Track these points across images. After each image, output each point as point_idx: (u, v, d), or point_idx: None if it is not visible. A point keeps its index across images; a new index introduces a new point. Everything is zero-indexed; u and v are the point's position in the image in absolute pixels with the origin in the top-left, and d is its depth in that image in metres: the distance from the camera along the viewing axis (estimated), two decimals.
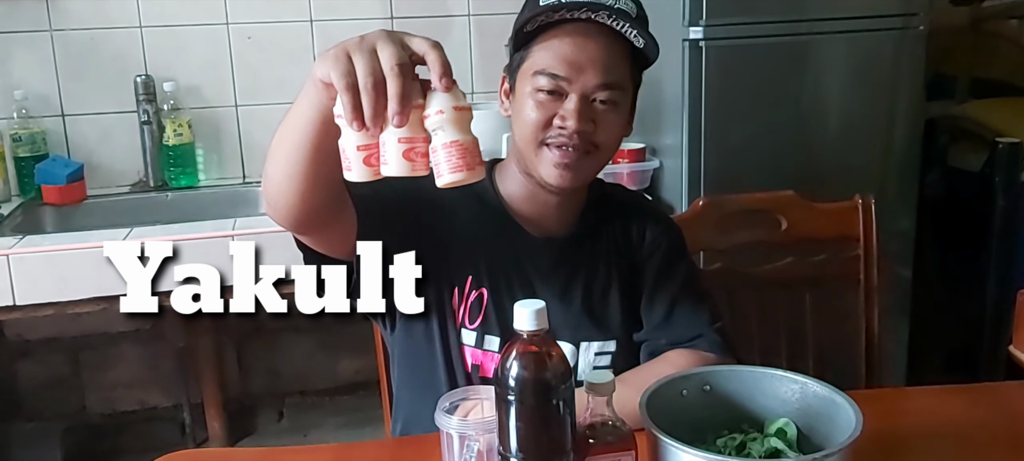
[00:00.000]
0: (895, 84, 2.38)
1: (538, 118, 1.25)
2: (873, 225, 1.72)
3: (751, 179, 2.15)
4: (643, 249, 1.40)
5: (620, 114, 1.28)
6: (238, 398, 2.89)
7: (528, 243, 1.36)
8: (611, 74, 1.24)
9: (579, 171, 1.28)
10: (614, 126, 1.28)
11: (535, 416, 0.95)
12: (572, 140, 1.24)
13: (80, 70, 2.54)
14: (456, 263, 1.33)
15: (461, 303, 1.33)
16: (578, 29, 1.23)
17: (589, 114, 1.24)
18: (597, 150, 1.28)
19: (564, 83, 1.23)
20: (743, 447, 1.07)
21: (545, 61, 1.24)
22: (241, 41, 2.62)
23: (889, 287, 2.07)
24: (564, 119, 1.24)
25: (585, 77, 1.23)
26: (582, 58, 1.23)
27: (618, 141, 1.31)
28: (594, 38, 1.23)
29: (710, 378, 1.12)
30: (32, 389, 2.76)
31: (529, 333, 0.94)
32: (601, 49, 1.23)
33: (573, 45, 1.23)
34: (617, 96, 1.26)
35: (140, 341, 2.80)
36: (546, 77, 1.24)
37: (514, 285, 1.33)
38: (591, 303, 1.36)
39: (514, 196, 1.36)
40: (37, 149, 2.48)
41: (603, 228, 1.40)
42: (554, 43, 1.24)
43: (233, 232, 2.11)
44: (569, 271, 1.37)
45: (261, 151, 2.81)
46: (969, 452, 1.24)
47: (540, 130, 1.26)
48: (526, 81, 1.26)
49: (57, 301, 2.05)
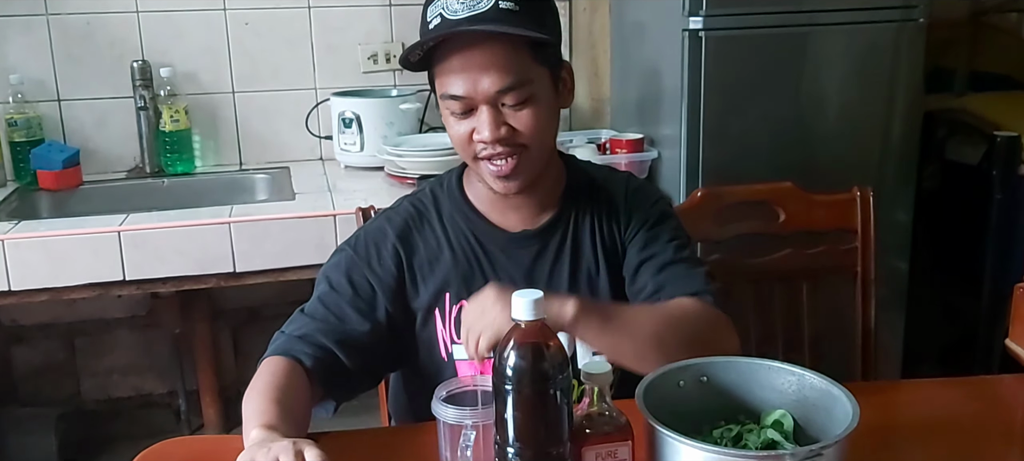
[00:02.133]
0: (894, 76, 2.38)
1: (460, 135, 1.27)
2: (871, 217, 1.72)
3: (749, 170, 2.16)
4: (629, 228, 1.38)
5: (538, 105, 1.26)
6: (234, 385, 2.89)
7: (504, 240, 1.36)
8: (509, 75, 1.22)
9: (519, 173, 1.28)
10: (535, 119, 1.26)
11: (532, 406, 0.94)
12: (495, 149, 1.25)
13: (76, 55, 2.53)
14: (432, 289, 1.34)
15: (445, 322, 1.34)
16: (460, 43, 1.21)
17: (502, 119, 1.24)
18: (527, 148, 1.27)
19: (467, 100, 1.23)
20: (739, 438, 1.07)
21: (445, 85, 1.25)
22: (239, 27, 2.61)
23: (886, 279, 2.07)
24: (479, 132, 1.24)
25: (483, 87, 1.22)
26: (474, 70, 1.22)
27: (547, 129, 1.30)
28: (480, 47, 1.21)
29: (707, 369, 1.12)
30: (27, 375, 2.76)
31: (526, 323, 0.94)
32: (490, 55, 1.21)
33: (462, 60, 1.22)
34: (526, 92, 1.24)
35: (135, 327, 2.80)
36: (451, 99, 1.24)
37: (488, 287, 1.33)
38: (578, 289, 1.35)
39: (483, 196, 1.37)
40: (33, 134, 2.47)
41: (586, 211, 1.38)
42: (446, 64, 1.24)
43: (230, 219, 2.10)
44: (553, 259, 1.36)
45: (258, 138, 2.84)
46: (965, 444, 1.24)
47: (467, 145, 1.27)
48: (441, 102, 1.28)
49: (52, 287, 2.04)
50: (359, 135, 2.52)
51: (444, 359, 1.35)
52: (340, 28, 2.67)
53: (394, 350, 1.35)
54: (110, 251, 2.04)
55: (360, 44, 2.69)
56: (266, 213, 2.18)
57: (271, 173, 2.60)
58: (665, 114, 2.38)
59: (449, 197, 1.38)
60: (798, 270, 1.74)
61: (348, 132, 2.53)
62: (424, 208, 1.38)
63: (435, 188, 1.40)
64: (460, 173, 1.40)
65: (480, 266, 1.35)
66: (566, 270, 1.36)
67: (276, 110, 2.68)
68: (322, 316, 1.29)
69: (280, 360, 1.23)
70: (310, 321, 1.29)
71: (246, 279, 2.14)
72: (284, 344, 1.25)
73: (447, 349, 1.35)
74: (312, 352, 1.24)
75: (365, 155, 2.53)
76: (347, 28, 2.67)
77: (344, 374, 1.26)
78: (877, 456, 1.15)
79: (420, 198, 1.40)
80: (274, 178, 2.56)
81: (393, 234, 1.35)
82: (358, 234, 1.38)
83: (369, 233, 1.37)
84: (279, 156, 2.70)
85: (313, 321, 1.28)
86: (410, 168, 2.34)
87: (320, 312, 1.30)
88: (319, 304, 1.31)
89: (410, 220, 1.37)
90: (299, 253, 2.12)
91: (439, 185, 1.41)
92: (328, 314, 1.29)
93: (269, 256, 2.12)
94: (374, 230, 1.37)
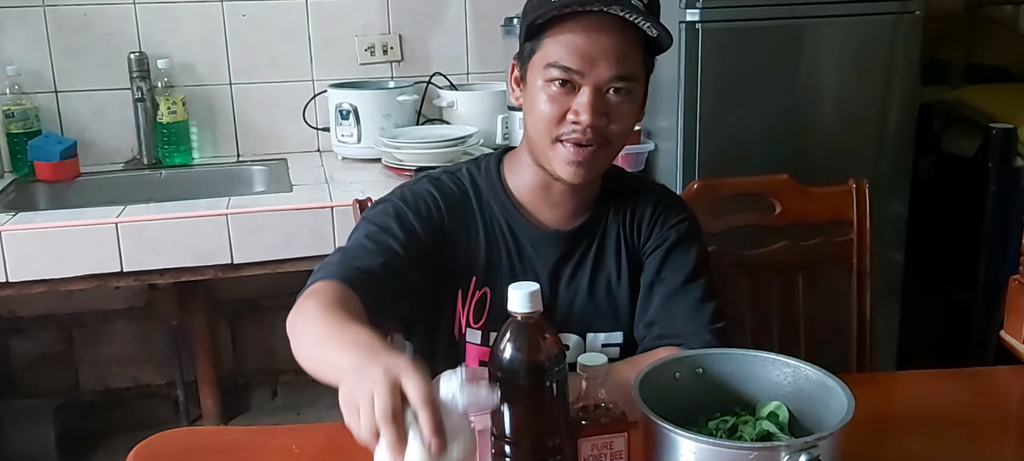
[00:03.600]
0: (890, 69, 2.39)
1: (551, 112, 1.24)
2: (867, 209, 1.73)
3: (746, 162, 2.16)
4: (648, 242, 1.38)
5: (633, 104, 1.27)
6: (232, 376, 2.90)
7: (536, 236, 1.35)
8: (624, 66, 1.23)
9: (592, 166, 1.27)
10: (627, 117, 1.26)
11: (528, 398, 0.95)
12: (586, 135, 1.23)
13: (73, 46, 2.52)
14: (461, 269, 1.33)
15: (465, 305, 1.34)
16: (590, 20, 1.21)
17: (602, 107, 1.23)
18: (610, 143, 1.27)
19: (577, 76, 1.22)
20: (735, 430, 1.08)
21: (557, 53, 1.22)
22: (235, 18, 2.60)
23: (881, 271, 2.08)
24: (577, 114, 1.23)
25: (598, 70, 1.22)
26: (595, 50, 1.21)
27: (630, 132, 1.31)
28: (606, 29, 1.21)
29: (703, 361, 1.13)
30: (25, 366, 2.76)
31: (523, 315, 0.94)
32: (614, 40, 1.21)
33: (586, 37, 1.21)
34: (631, 86, 1.25)
35: (134, 318, 2.80)
36: (559, 70, 1.22)
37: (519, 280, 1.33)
38: (597, 294, 1.36)
39: (525, 187, 1.36)
40: (30, 125, 2.47)
41: (614, 218, 1.38)
42: (566, 35, 1.22)
43: (227, 211, 2.10)
44: (577, 262, 1.36)
45: (255, 129, 2.84)
46: (960, 436, 1.25)
47: (554, 125, 1.25)
48: (537, 73, 1.25)
49: (50, 278, 2.05)
50: (356, 127, 2.52)
51: (456, 337, 1.35)
52: (337, 19, 2.67)
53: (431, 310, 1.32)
54: (108, 242, 2.04)
55: (357, 35, 2.69)
56: (264, 205, 2.18)
57: (268, 165, 2.60)
58: (662, 106, 2.38)
59: (487, 182, 1.37)
60: (794, 262, 1.75)
61: (345, 124, 2.53)
62: (463, 187, 1.37)
63: (472, 170, 1.39)
64: (499, 159, 1.39)
65: (509, 256, 1.34)
66: (587, 275, 1.36)
67: (273, 102, 2.68)
68: (372, 249, 1.24)
69: (338, 284, 1.16)
70: (361, 252, 1.24)
71: (244, 271, 2.15)
72: (340, 269, 1.19)
73: (461, 329, 1.34)
74: (366, 279, 1.18)
75: (362, 147, 2.54)
76: (344, 19, 2.67)
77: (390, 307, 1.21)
78: (872, 447, 1.15)
79: (458, 177, 1.38)
80: (271, 170, 2.56)
81: (440, 198, 1.33)
82: (400, 190, 1.35)
83: (415, 190, 1.34)
84: (276, 148, 2.70)
85: (364, 252, 1.24)
86: (407, 160, 2.34)
87: (369, 246, 1.25)
88: (366, 240, 1.27)
89: (453, 193, 1.35)
90: (297, 245, 2.13)
91: (476, 168, 1.39)
92: (378, 248, 1.25)
93: (267, 248, 2.13)
94: (421, 190, 1.34)
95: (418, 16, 2.72)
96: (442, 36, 2.75)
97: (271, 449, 1.22)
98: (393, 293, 1.23)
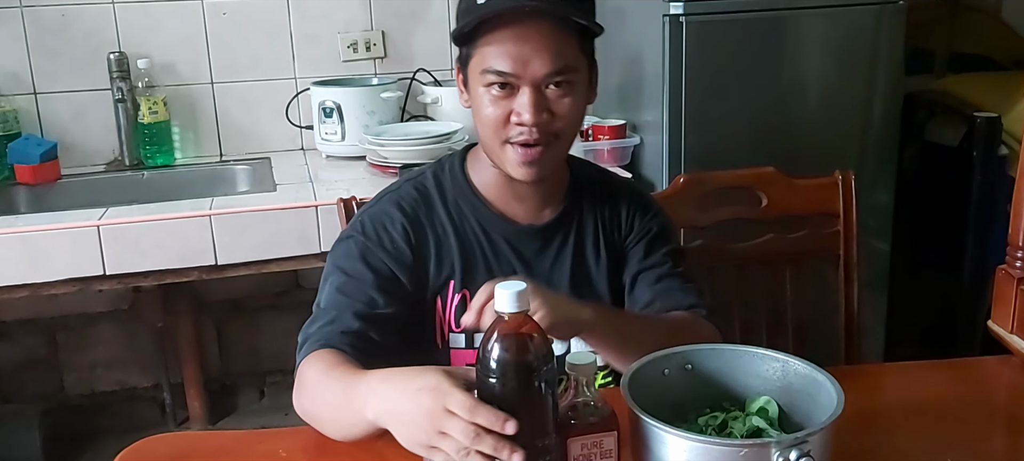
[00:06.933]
0: (874, 59, 2.39)
1: (495, 116, 1.24)
2: (853, 201, 1.73)
3: (731, 156, 2.16)
4: (631, 235, 1.39)
5: (576, 95, 1.26)
6: (219, 377, 2.88)
7: (511, 231, 1.35)
8: (559, 59, 1.22)
9: (544, 163, 1.27)
10: (572, 109, 1.25)
11: (517, 398, 0.94)
12: (532, 134, 1.23)
13: (52, 47, 2.50)
14: (437, 277, 1.33)
15: (446, 310, 1.33)
16: (517, 20, 1.20)
17: (543, 104, 1.23)
18: (558, 138, 1.26)
19: (513, 79, 1.22)
20: (725, 426, 1.08)
21: (491, 59, 1.22)
22: (216, 17, 2.58)
23: (867, 262, 2.08)
24: (519, 115, 1.23)
25: (533, 69, 1.21)
26: (526, 50, 1.20)
27: (579, 121, 1.30)
28: (535, 27, 1.20)
29: (692, 357, 1.12)
30: (9, 371, 2.74)
31: (510, 315, 0.94)
32: (544, 37, 1.20)
33: (515, 38, 1.20)
34: (570, 78, 1.24)
35: (118, 321, 2.78)
36: (494, 74, 1.22)
37: (497, 278, 1.32)
38: (578, 288, 1.35)
39: (491, 184, 1.35)
40: (9, 128, 2.44)
41: (590, 212, 1.38)
42: (497, 39, 1.21)
43: (210, 212, 2.08)
44: (556, 256, 1.36)
45: (238, 129, 2.82)
46: (949, 427, 1.26)
47: (500, 128, 1.25)
48: (477, 79, 1.25)
49: (32, 282, 2.02)
50: (340, 124, 2.51)
51: (439, 345, 1.34)
52: (319, 17, 2.65)
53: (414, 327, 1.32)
54: (90, 245, 2.02)
55: (340, 33, 2.67)
56: (247, 205, 2.16)
57: (252, 164, 2.59)
58: (647, 100, 2.37)
59: (453, 183, 1.36)
60: (781, 255, 1.74)
61: (329, 122, 2.52)
62: (427, 192, 1.35)
63: (437, 172, 1.38)
64: (463, 157, 1.38)
65: (484, 255, 1.33)
66: (567, 268, 1.36)
67: (255, 100, 2.66)
68: (349, 305, 1.24)
69: (324, 352, 1.18)
70: (338, 312, 1.24)
71: (228, 271, 2.13)
72: (321, 338, 1.21)
73: (445, 336, 1.34)
74: (350, 340, 1.20)
75: (346, 145, 2.52)
76: (326, 16, 2.65)
77: (380, 353, 1.22)
78: (862, 440, 1.15)
79: (421, 182, 1.36)
80: (255, 169, 2.55)
81: (400, 216, 1.32)
82: (360, 219, 1.34)
83: (374, 217, 1.33)
84: (259, 147, 2.68)
85: (342, 311, 1.24)
86: (392, 157, 2.33)
87: (345, 302, 1.25)
88: (340, 295, 1.26)
89: (416, 203, 1.34)
90: (281, 244, 2.11)
91: (441, 169, 1.38)
92: (354, 302, 1.24)
93: (251, 248, 2.11)
94: (379, 213, 1.33)
95: (401, 12, 2.70)
96: (425, 32, 2.73)
97: (258, 453, 1.21)
98: (380, 336, 1.23)
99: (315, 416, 1.16)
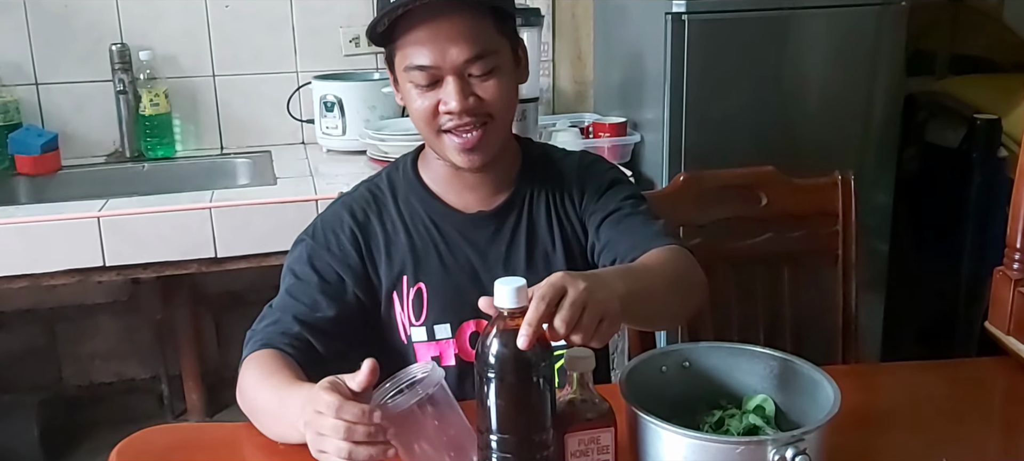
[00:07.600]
0: (875, 60, 2.39)
1: (425, 108, 1.26)
2: (852, 201, 1.73)
3: (731, 154, 2.16)
4: (585, 199, 1.38)
5: (503, 75, 1.27)
6: (217, 370, 2.88)
7: (460, 220, 1.36)
8: (477, 44, 1.23)
9: (485, 147, 1.28)
10: (500, 89, 1.26)
11: (515, 394, 0.95)
12: (462, 120, 1.24)
13: (54, 38, 2.50)
14: (390, 272, 1.34)
15: (403, 305, 1.34)
16: (428, 12, 1.21)
17: (468, 90, 1.24)
18: (492, 118, 1.27)
19: (434, 70, 1.23)
20: (722, 424, 1.08)
21: (410, 55, 1.24)
22: (219, 10, 2.58)
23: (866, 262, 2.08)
24: (446, 103, 1.24)
25: (451, 57, 1.22)
26: (441, 40, 1.21)
27: (511, 100, 1.30)
28: (446, 15, 1.21)
29: (689, 354, 1.13)
30: (7, 361, 2.74)
31: (509, 311, 0.94)
32: (456, 24, 1.22)
33: (429, 30, 1.22)
34: (492, 61, 1.25)
35: (117, 312, 2.78)
36: (416, 70, 1.24)
37: (450, 268, 1.34)
38: (536, 267, 1.35)
39: (440, 177, 1.37)
40: (10, 118, 2.44)
41: (540, 190, 1.38)
42: (412, 34, 1.23)
43: (211, 204, 2.09)
44: (510, 239, 1.36)
45: (239, 122, 2.82)
46: (946, 427, 1.26)
47: (432, 119, 1.26)
48: (403, 75, 1.27)
49: (31, 273, 2.03)
50: (341, 119, 2.51)
51: (404, 342, 1.36)
52: (321, 11, 2.65)
53: (363, 333, 1.35)
54: (90, 237, 2.02)
55: (342, 27, 2.67)
56: (248, 198, 2.16)
57: (252, 157, 2.59)
58: (648, 98, 2.37)
59: (404, 180, 1.39)
60: (780, 254, 1.75)
61: (330, 116, 2.52)
62: (380, 192, 1.39)
63: (391, 172, 1.41)
64: (415, 156, 1.41)
65: (436, 248, 1.35)
66: (523, 250, 1.36)
67: (257, 94, 2.66)
68: (292, 307, 1.29)
69: (264, 353, 1.23)
70: (282, 314, 1.29)
71: (228, 265, 2.13)
72: (262, 338, 1.25)
73: (406, 332, 1.35)
74: (290, 341, 1.25)
75: (347, 139, 2.52)
76: (328, 11, 2.65)
77: (319, 361, 1.26)
78: (858, 439, 1.16)
79: (376, 182, 1.40)
80: (255, 162, 2.55)
81: (350, 219, 1.35)
82: (315, 223, 1.38)
83: (326, 221, 1.37)
84: (260, 140, 2.68)
85: (285, 313, 1.28)
86: (392, 152, 2.33)
87: (290, 304, 1.30)
88: (288, 296, 1.31)
89: (366, 204, 1.37)
90: (281, 238, 2.09)
91: (395, 168, 1.41)
92: (297, 304, 1.29)
93: (251, 241, 2.11)
94: (330, 217, 1.37)
95: None
96: None
97: (254, 445, 1.21)
98: (320, 338, 1.27)
99: (254, 418, 1.22)
